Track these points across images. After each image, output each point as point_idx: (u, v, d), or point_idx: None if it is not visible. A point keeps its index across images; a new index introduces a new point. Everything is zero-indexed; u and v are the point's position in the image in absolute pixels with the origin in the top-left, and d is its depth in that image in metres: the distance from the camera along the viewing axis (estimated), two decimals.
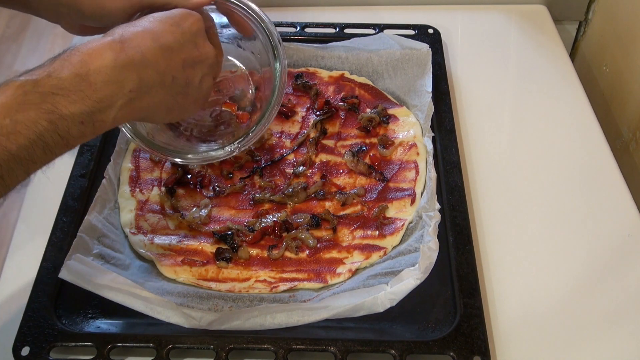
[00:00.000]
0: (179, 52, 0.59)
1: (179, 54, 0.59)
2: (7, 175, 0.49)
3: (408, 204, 0.75)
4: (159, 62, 0.57)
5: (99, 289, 0.62)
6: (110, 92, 0.53)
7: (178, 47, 0.59)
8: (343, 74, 0.92)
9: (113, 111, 0.54)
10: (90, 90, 0.52)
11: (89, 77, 0.52)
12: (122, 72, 0.54)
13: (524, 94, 0.93)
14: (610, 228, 0.75)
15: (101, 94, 0.53)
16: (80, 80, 0.52)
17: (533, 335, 0.65)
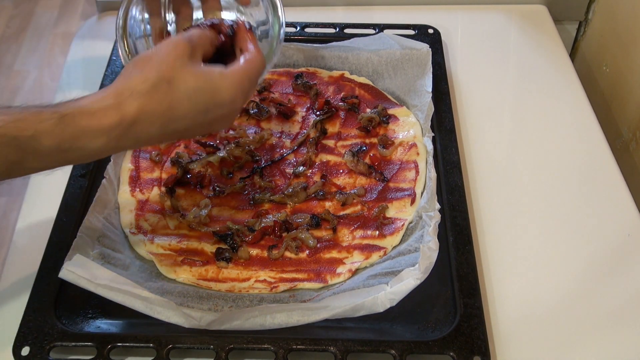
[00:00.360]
0: (182, 132, 0.59)
1: (177, 134, 0.59)
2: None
3: (408, 204, 0.75)
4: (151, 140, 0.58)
5: (99, 289, 0.62)
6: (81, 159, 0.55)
7: (184, 130, 0.58)
8: (343, 74, 0.92)
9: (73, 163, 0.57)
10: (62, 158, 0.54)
11: (67, 151, 0.53)
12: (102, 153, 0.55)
13: (524, 94, 0.93)
14: (610, 228, 0.75)
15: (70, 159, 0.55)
16: (57, 150, 0.53)
17: (533, 335, 0.65)
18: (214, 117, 0.59)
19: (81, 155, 0.55)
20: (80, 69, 0.99)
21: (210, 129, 0.61)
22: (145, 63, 0.57)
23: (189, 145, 0.83)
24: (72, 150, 0.53)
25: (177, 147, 0.83)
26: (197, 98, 0.57)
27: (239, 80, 0.60)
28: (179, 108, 0.56)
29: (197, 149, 0.83)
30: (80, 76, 0.98)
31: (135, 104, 0.55)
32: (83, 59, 1.00)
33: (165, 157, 0.82)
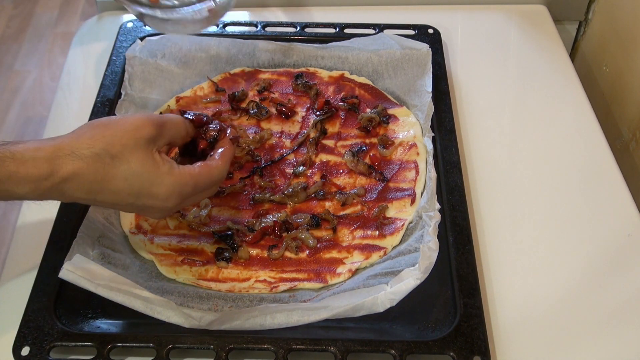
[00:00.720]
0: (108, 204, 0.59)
1: (106, 204, 0.60)
2: None
3: (408, 204, 0.75)
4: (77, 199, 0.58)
5: (99, 289, 0.62)
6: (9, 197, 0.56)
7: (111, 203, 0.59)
8: (343, 74, 0.92)
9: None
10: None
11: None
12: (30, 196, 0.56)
13: (524, 93, 0.93)
14: (610, 228, 0.75)
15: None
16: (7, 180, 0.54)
17: (533, 335, 0.65)
18: (144, 205, 0.60)
19: (8, 196, 0.55)
20: (80, 69, 0.99)
21: (137, 212, 0.63)
22: (101, 129, 0.58)
23: None
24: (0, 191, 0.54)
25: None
26: (133, 181, 0.58)
27: (182, 183, 0.61)
28: (111, 183, 0.57)
29: None
30: (80, 76, 0.98)
31: (70, 165, 0.55)
32: (83, 59, 1.00)
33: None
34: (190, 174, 0.61)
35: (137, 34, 0.94)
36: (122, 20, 1.03)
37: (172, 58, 0.91)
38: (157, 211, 0.62)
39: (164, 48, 0.91)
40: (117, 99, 0.84)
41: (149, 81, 0.89)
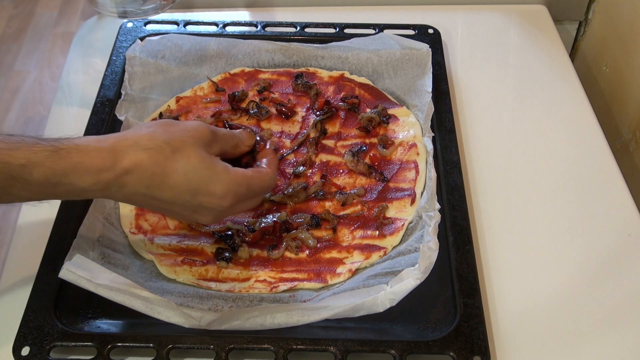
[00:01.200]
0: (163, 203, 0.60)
1: (161, 204, 0.60)
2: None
3: (408, 204, 0.75)
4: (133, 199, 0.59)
5: (99, 289, 0.62)
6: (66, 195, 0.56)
7: (166, 203, 0.60)
8: (343, 74, 0.92)
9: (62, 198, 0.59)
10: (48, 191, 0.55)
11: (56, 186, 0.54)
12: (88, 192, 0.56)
13: (524, 93, 0.93)
14: (610, 228, 0.75)
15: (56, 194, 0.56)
16: (46, 184, 0.54)
17: (533, 335, 0.65)
18: (199, 204, 0.60)
19: (68, 191, 0.55)
20: (80, 69, 0.99)
21: (192, 215, 0.62)
22: (162, 126, 0.60)
23: None
24: (61, 185, 0.54)
25: None
26: (192, 176, 0.58)
27: (237, 183, 0.61)
28: (171, 176, 0.58)
29: None
30: (80, 76, 0.98)
31: (132, 156, 0.56)
32: (83, 59, 1.00)
33: None
34: (244, 176, 0.62)
35: (137, 34, 0.94)
36: (122, 20, 1.03)
37: (172, 58, 0.91)
38: (211, 211, 0.61)
39: (164, 48, 0.91)
40: (117, 99, 0.84)
41: (149, 81, 0.89)
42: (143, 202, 0.60)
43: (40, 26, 2.44)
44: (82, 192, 0.56)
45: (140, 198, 0.58)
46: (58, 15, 2.49)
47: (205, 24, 0.98)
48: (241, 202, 0.63)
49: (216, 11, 1.08)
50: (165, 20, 0.98)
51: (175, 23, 0.98)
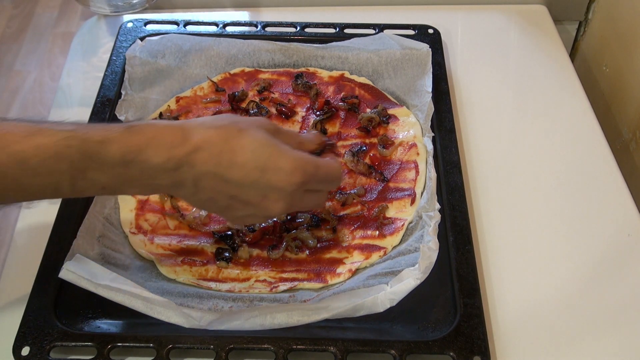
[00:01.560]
0: (234, 187, 0.57)
1: (232, 188, 0.57)
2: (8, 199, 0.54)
3: (408, 204, 0.75)
4: (203, 181, 0.57)
5: (99, 289, 0.62)
6: (141, 179, 0.55)
7: (236, 185, 0.57)
8: (343, 74, 0.92)
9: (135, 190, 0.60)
10: (122, 172, 0.54)
11: (129, 164, 0.54)
12: (160, 172, 0.55)
13: (524, 93, 0.93)
14: (610, 228, 0.75)
15: (131, 176, 0.55)
16: (122, 162, 0.54)
17: (533, 335, 0.65)
18: (268, 183, 0.57)
19: (141, 171, 0.55)
20: (80, 69, 0.99)
21: (262, 203, 0.58)
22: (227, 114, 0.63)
23: None
24: (135, 164, 0.54)
25: None
26: (259, 152, 0.57)
27: (304, 160, 0.59)
28: (239, 153, 0.56)
29: None
30: (80, 76, 0.98)
31: (201, 133, 0.56)
32: (83, 59, 1.00)
33: None
34: (310, 156, 0.60)
35: (137, 34, 0.94)
36: (122, 20, 1.03)
37: (172, 58, 0.91)
38: (281, 192, 0.58)
39: (164, 48, 0.91)
40: (117, 99, 0.84)
41: (149, 81, 0.89)
42: (213, 187, 0.57)
43: (40, 26, 2.44)
44: (155, 173, 0.55)
45: (210, 181, 0.56)
46: (58, 15, 2.49)
47: (205, 24, 0.98)
48: (309, 188, 0.60)
49: (216, 11, 1.08)
50: (165, 20, 0.98)
51: (175, 23, 0.98)
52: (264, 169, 0.57)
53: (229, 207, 0.59)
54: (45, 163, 0.51)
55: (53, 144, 0.51)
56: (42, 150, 0.51)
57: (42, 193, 0.53)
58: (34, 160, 0.51)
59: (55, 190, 0.53)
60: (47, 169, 0.51)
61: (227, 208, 0.59)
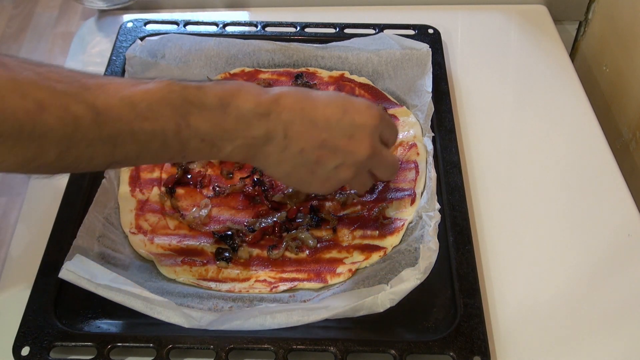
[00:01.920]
0: (321, 130, 0.58)
1: (320, 132, 0.58)
2: (121, 146, 0.53)
3: (408, 204, 0.75)
4: (293, 127, 0.58)
5: (99, 289, 0.62)
6: (236, 128, 0.56)
7: (323, 126, 0.58)
8: (343, 74, 0.92)
9: (231, 146, 0.57)
10: (221, 118, 0.55)
11: (227, 107, 0.55)
12: (255, 118, 0.56)
13: (524, 93, 0.93)
14: (610, 228, 0.75)
15: (227, 126, 0.56)
16: (220, 105, 0.55)
17: (533, 336, 0.65)
18: (352, 122, 0.59)
19: (236, 119, 0.56)
20: (80, 69, 0.99)
21: (348, 145, 0.59)
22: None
23: None
24: (230, 108, 0.55)
25: None
26: (335, 97, 0.60)
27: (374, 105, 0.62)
28: (318, 100, 0.59)
29: None
30: None
31: (277, 89, 0.59)
32: (83, 59, 1.00)
33: None
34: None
35: (137, 34, 0.94)
36: (122, 20, 1.03)
37: (172, 58, 0.91)
38: (365, 131, 0.59)
39: (164, 48, 0.91)
40: None
41: None
42: (303, 134, 0.58)
43: (40, 26, 2.44)
44: (248, 120, 0.56)
45: (299, 126, 0.58)
46: (58, 15, 2.49)
47: (205, 24, 0.98)
48: (386, 129, 0.62)
49: (216, 11, 1.08)
50: (165, 20, 0.98)
51: (175, 23, 0.98)
52: (345, 109, 0.59)
53: (319, 161, 0.59)
54: (152, 107, 0.52)
55: (158, 89, 0.53)
56: (149, 94, 0.53)
57: (151, 142, 0.54)
58: (143, 105, 0.52)
59: (164, 142, 0.54)
60: (154, 113, 0.53)
61: (317, 163, 0.59)
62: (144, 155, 0.55)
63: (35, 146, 0.49)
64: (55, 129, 0.49)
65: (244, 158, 0.59)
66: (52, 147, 0.49)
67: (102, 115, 0.51)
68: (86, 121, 0.50)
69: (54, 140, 0.49)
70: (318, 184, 0.62)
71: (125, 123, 0.52)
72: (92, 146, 0.51)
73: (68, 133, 0.49)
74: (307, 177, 0.61)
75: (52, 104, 0.49)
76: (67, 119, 0.49)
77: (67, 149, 0.50)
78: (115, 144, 0.52)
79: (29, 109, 0.48)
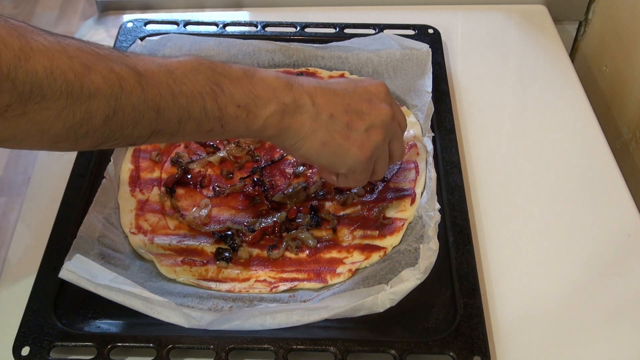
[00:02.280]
0: (343, 97, 0.63)
1: (342, 99, 0.63)
2: (163, 110, 0.54)
3: (408, 204, 0.75)
4: (317, 97, 0.61)
5: (99, 289, 0.62)
6: (266, 95, 0.59)
7: (343, 94, 0.63)
8: (343, 74, 0.92)
9: (266, 111, 0.59)
10: (250, 86, 0.58)
11: (252, 77, 0.59)
12: (280, 86, 0.60)
13: (524, 93, 0.93)
14: (610, 228, 0.75)
15: (258, 93, 0.59)
16: (245, 76, 0.59)
17: (533, 335, 0.65)
18: (366, 89, 0.65)
19: (264, 87, 0.59)
20: None
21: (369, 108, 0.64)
22: None
23: (189, 145, 0.83)
24: (255, 79, 0.59)
25: (178, 147, 0.83)
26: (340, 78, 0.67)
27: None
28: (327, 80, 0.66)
29: (197, 148, 0.83)
30: None
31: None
32: None
33: (165, 157, 0.82)
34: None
35: (137, 34, 0.94)
36: (122, 20, 1.03)
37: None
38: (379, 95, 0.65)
39: (164, 48, 0.91)
40: None
41: None
42: (328, 101, 0.62)
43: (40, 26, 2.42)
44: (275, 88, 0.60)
45: (322, 96, 0.62)
46: (58, 15, 2.49)
47: (205, 24, 0.98)
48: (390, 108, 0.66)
49: (216, 11, 1.08)
50: (165, 20, 0.98)
51: (175, 23, 0.98)
52: (355, 83, 0.65)
53: (350, 125, 0.62)
54: (187, 75, 0.55)
55: (189, 61, 0.57)
56: (182, 64, 0.56)
57: (192, 107, 0.55)
58: (178, 72, 0.55)
59: (203, 108, 0.56)
60: (190, 79, 0.55)
61: (349, 127, 0.62)
62: (185, 121, 0.55)
63: (84, 109, 0.49)
64: (102, 89, 0.50)
65: (278, 128, 0.60)
66: (99, 110, 0.50)
67: (144, 77, 0.53)
68: (130, 82, 0.51)
69: (102, 102, 0.50)
70: (356, 149, 0.63)
71: (165, 86, 0.53)
72: (136, 110, 0.52)
73: (115, 93, 0.50)
74: (343, 143, 0.62)
75: (97, 65, 0.50)
76: (113, 79, 0.50)
77: (114, 112, 0.51)
78: (158, 108, 0.53)
79: (77, 70, 0.49)
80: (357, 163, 0.63)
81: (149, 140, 0.55)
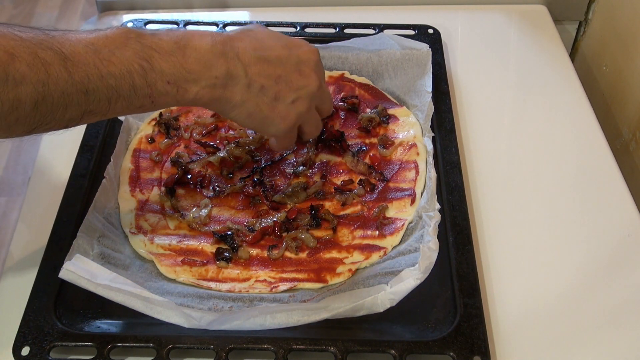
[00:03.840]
0: (275, 67, 0.64)
1: (275, 68, 0.64)
2: (92, 92, 0.54)
3: (408, 204, 0.75)
4: (250, 67, 0.62)
5: (99, 289, 0.62)
6: (198, 69, 0.59)
7: (276, 63, 0.64)
8: (343, 74, 0.92)
9: (196, 87, 0.59)
10: (182, 60, 0.58)
11: (184, 49, 0.58)
12: (213, 58, 0.59)
13: (524, 93, 0.93)
14: (610, 228, 0.75)
15: (190, 67, 0.58)
16: (177, 48, 0.58)
17: (533, 335, 0.65)
18: (298, 58, 0.65)
19: (196, 60, 0.59)
20: None
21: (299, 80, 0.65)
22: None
23: (189, 145, 0.83)
24: (188, 50, 0.58)
25: (177, 147, 0.83)
26: (278, 36, 0.66)
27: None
28: (265, 40, 0.64)
29: (197, 149, 0.83)
30: None
31: (227, 32, 0.63)
32: None
33: (165, 157, 0.82)
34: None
35: None
36: (122, 20, 1.03)
37: None
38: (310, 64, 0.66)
39: None
40: None
41: None
42: (261, 72, 0.62)
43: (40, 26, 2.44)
44: (208, 59, 0.59)
45: (256, 66, 0.62)
46: (58, 15, 2.49)
47: (206, 24, 0.98)
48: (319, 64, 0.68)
49: (217, 11, 1.08)
50: (165, 20, 0.98)
51: (175, 23, 0.98)
52: (289, 47, 0.65)
53: (278, 97, 0.64)
54: (115, 53, 0.55)
55: (117, 35, 0.56)
56: (110, 39, 0.55)
57: (121, 87, 0.55)
58: (106, 50, 0.54)
59: (132, 86, 0.56)
60: (118, 58, 0.54)
61: (276, 99, 0.64)
62: (115, 100, 0.56)
63: (12, 97, 0.50)
64: (29, 76, 0.50)
65: (210, 99, 0.61)
66: (27, 97, 0.50)
67: (70, 60, 0.53)
68: (56, 67, 0.52)
69: (29, 88, 0.50)
70: (279, 119, 0.65)
71: (93, 67, 0.53)
72: (65, 94, 0.52)
73: (41, 80, 0.51)
74: (269, 114, 0.64)
75: (21, 52, 0.50)
76: (38, 66, 0.51)
77: (43, 98, 0.51)
78: (87, 90, 0.53)
79: (1, 58, 0.49)
80: (279, 131, 0.67)
81: (82, 120, 0.56)
